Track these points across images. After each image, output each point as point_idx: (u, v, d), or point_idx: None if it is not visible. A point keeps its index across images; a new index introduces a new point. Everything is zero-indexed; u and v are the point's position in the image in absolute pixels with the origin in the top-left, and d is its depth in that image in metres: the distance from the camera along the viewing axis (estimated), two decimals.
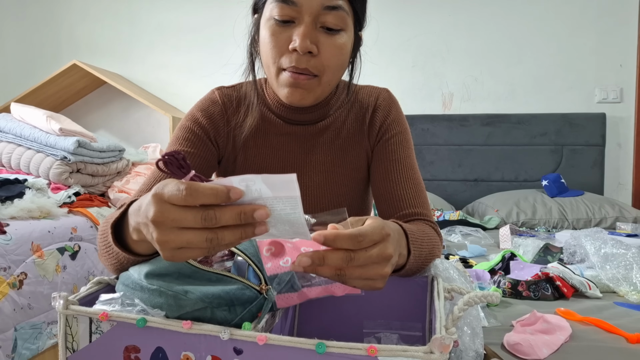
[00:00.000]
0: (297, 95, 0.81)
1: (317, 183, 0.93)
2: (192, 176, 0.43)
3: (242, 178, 0.42)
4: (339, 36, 0.79)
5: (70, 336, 0.51)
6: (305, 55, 0.77)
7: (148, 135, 3.34)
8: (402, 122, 0.96)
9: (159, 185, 0.44)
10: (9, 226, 1.70)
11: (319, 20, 0.77)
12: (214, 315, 0.50)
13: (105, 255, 0.64)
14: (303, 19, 0.76)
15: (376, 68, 3.13)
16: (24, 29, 3.43)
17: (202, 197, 0.41)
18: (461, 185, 3.05)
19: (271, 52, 0.79)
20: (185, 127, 0.90)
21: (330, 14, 0.77)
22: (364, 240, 0.47)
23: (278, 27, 0.78)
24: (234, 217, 0.42)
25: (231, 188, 0.42)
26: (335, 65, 0.81)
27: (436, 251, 0.76)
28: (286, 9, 0.77)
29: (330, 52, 0.79)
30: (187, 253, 0.44)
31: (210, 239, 0.42)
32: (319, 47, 0.78)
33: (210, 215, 0.41)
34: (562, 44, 2.99)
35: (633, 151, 2.97)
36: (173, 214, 0.42)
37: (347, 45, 0.82)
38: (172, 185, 0.42)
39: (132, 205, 0.53)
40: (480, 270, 1.28)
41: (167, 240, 0.43)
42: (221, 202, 0.42)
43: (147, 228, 0.45)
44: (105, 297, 0.52)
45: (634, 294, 1.16)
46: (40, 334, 1.70)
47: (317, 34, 0.78)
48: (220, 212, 0.42)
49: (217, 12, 3.25)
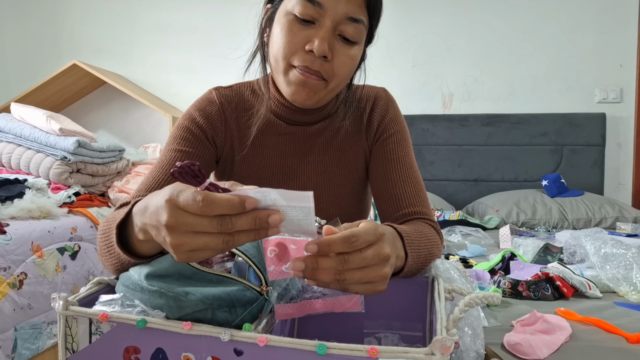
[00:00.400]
0: (303, 95, 0.81)
1: (315, 183, 0.93)
2: (208, 185, 0.44)
3: (258, 190, 0.42)
4: (353, 48, 0.80)
5: (70, 337, 0.51)
6: (320, 59, 0.77)
7: (148, 135, 3.33)
8: (400, 121, 0.96)
9: (172, 191, 0.44)
10: (9, 226, 1.70)
11: (338, 28, 0.77)
12: (214, 317, 0.50)
13: (106, 255, 0.64)
14: (325, 22, 0.76)
15: (376, 68, 3.13)
16: (24, 29, 3.43)
17: (218, 209, 0.42)
18: (461, 185, 3.05)
19: (284, 47, 0.78)
20: (183, 127, 0.89)
21: (351, 25, 0.77)
22: (357, 241, 0.47)
23: (297, 24, 0.77)
24: (250, 222, 0.43)
25: (246, 198, 0.42)
26: (344, 74, 0.82)
27: (435, 251, 0.75)
28: (310, 9, 0.76)
29: (343, 61, 0.79)
30: (201, 254, 0.45)
31: (227, 241, 0.43)
32: (333, 53, 0.78)
33: (226, 220, 0.42)
34: (562, 44, 2.99)
35: (633, 151, 2.97)
36: (188, 219, 0.43)
37: (358, 57, 0.83)
38: (188, 193, 0.43)
39: (137, 205, 0.53)
40: (480, 270, 1.28)
41: (181, 244, 0.44)
42: (236, 212, 0.43)
43: (159, 231, 0.46)
44: (105, 297, 0.52)
45: (634, 294, 1.16)
46: (40, 334, 1.70)
47: (334, 41, 0.78)
48: (237, 218, 0.43)
49: (217, 12, 3.24)
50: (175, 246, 0.44)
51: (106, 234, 0.63)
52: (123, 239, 0.60)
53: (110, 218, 0.66)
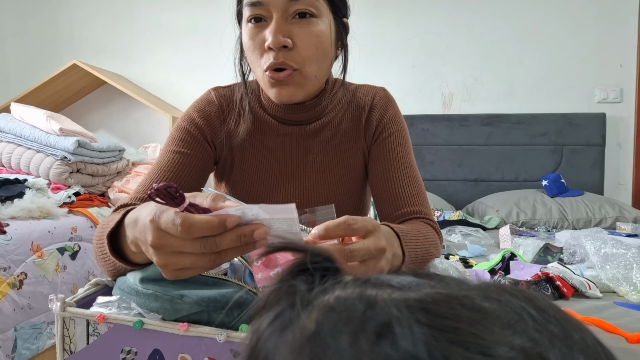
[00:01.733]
0: (285, 93, 0.80)
1: (314, 183, 0.93)
2: (187, 206, 0.43)
3: (238, 208, 0.42)
4: (312, 24, 0.78)
5: (67, 338, 0.51)
6: (281, 50, 0.77)
7: (148, 135, 3.33)
8: (399, 121, 0.95)
9: (156, 211, 0.43)
10: (9, 226, 1.70)
11: (288, 13, 0.77)
12: (211, 318, 0.50)
13: (102, 261, 0.63)
14: (272, 15, 0.76)
15: (376, 68, 3.14)
16: (25, 29, 3.43)
17: (197, 232, 0.41)
18: (461, 185, 3.05)
19: (252, 55, 0.80)
20: (182, 128, 0.89)
21: (297, 3, 0.76)
22: (356, 223, 0.47)
23: (254, 29, 0.79)
24: (234, 240, 0.42)
25: (227, 217, 0.41)
26: (315, 54, 0.79)
27: (434, 250, 0.75)
28: (256, 9, 0.77)
29: (307, 41, 0.78)
30: (189, 272, 0.44)
31: (214, 259, 0.43)
32: (293, 39, 0.77)
33: (210, 242, 0.42)
34: (562, 44, 2.99)
35: (633, 151, 2.96)
36: (171, 241, 0.42)
37: (325, 32, 0.80)
38: (168, 216, 0.42)
39: (128, 216, 0.53)
40: (480, 270, 1.28)
41: (168, 264, 0.43)
42: (217, 233, 0.42)
43: (147, 249, 0.46)
44: (102, 299, 0.52)
45: (634, 294, 1.16)
46: (40, 334, 1.70)
47: (289, 27, 0.77)
48: (221, 238, 0.42)
49: (217, 12, 3.24)
50: (162, 265, 0.44)
51: (101, 240, 0.63)
52: (117, 246, 0.60)
53: (105, 224, 0.66)
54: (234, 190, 0.94)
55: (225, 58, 1.04)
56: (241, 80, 0.91)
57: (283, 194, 0.92)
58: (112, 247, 0.59)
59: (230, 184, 0.94)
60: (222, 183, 0.96)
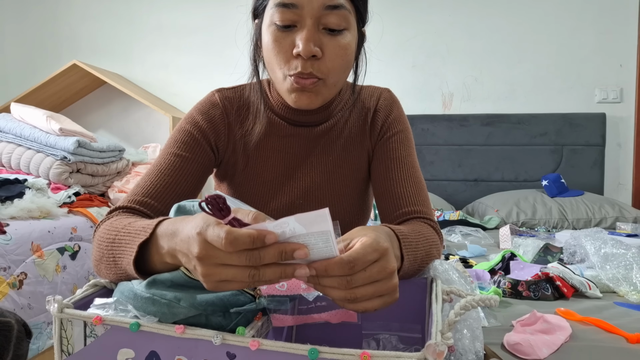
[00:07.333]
0: (304, 100, 0.79)
1: (319, 184, 0.92)
2: (231, 219, 0.45)
3: (277, 223, 0.44)
4: (342, 36, 0.78)
5: (65, 339, 0.51)
6: (310, 60, 0.76)
7: (148, 135, 3.33)
8: (403, 121, 0.95)
9: (203, 224, 0.46)
10: (9, 226, 1.70)
11: (321, 22, 0.75)
12: (209, 321, 0.50)
13: (108, 264, 0.62)
14: (305, 22, 0.75)
15: (376, 68, 3.13)
16: (24, 29, 3.43)
17: (241, 245, 0.43)
18: (461, 185, 3.05)
19: (275, 58, 0.78)
20: (184, 130, 0.88)
21: (332, 14, 0.75)
22: (356, 265, 0.47)
23: (280, 33, 0.76)
24: (276, 255, 0.44)
25: (267, 233, 0.44)
26: (340, 66, 0.79)
27: (434, 251, 0.75)
28: (287, 13, 0.75)
29: (335, 54, 0.77)
30: (230, 285, 0.46)
31: (253, 274, 0.45)
32: (322, 49, 0.76)
33: (254, 255, 0.44)
34: (562, 44, 2.99)
35: (633, 151, 2.96)
36: (217, 253, 0.45)
37: (352, 44, 0.80)
38: (213, 230, 0.44)
39: (162, 228, 0.54)
40: (480, 270, 1.28)
41: (211, 274, 0.45)
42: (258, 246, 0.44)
43: (189, 260, 0.47)
44: (99, 301, 0.52)
45: (634, 294, 1.16)
46: (40, 334, 1.70)
47: (320, 36, 0.76)
48: (264, 251, 0.44)
49: (217, 12, 3.24)
50: (205, 275, 0.46)
51: (114, 243, 0.61)
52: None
53: (116, 229, 0.64)
54: (237, 191, 0.93)
55: (225, 58, 1.03)
56: (257, 82, 0.90)
57: (287, 195, 0.91)
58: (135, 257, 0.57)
59: (233, 186, 0.93)
60: (224, 184, 0.95)
